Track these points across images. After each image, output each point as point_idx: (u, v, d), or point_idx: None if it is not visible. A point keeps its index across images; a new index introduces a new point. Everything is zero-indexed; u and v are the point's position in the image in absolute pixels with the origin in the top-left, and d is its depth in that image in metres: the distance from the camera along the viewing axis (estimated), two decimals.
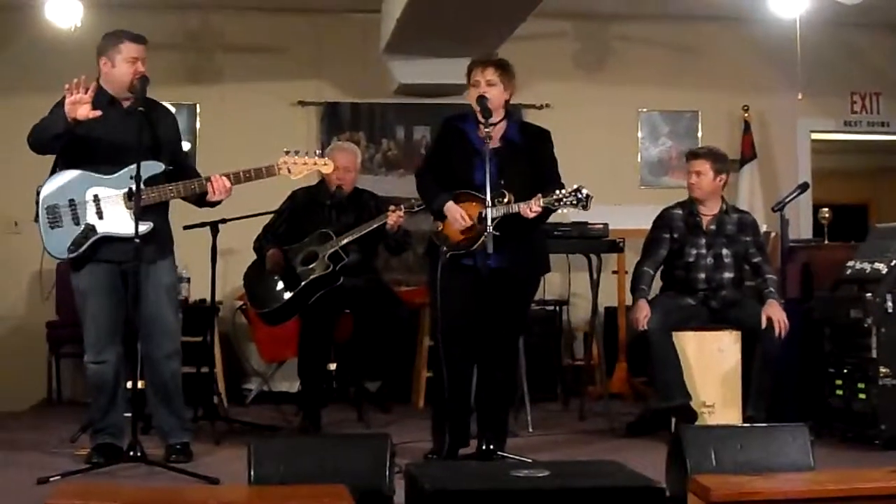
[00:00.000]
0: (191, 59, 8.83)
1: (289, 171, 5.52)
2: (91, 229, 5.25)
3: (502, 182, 5.25)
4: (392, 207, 6.45)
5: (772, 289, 6.21)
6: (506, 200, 5.24)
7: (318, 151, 5.82)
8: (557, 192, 5.25)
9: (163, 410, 5.53)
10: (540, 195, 5.24)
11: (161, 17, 8.47)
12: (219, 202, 5.51)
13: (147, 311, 5.36)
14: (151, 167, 5.24)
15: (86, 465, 5.21)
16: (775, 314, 6.06)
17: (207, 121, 8.86)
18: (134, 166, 5.08)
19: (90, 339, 5.36)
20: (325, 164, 5.72)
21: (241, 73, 8.90)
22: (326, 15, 8.90)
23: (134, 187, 5.08)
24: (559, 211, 5.36)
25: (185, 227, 6.36)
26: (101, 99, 5.29)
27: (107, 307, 5.33)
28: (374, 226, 6.47)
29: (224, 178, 5.38)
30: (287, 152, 5.52)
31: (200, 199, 5.50)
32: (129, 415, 5.35)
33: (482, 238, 5.15)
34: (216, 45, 8.89)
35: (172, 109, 5.71)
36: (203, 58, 8.88)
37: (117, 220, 5.24)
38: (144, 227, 5.16)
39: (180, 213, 5.83)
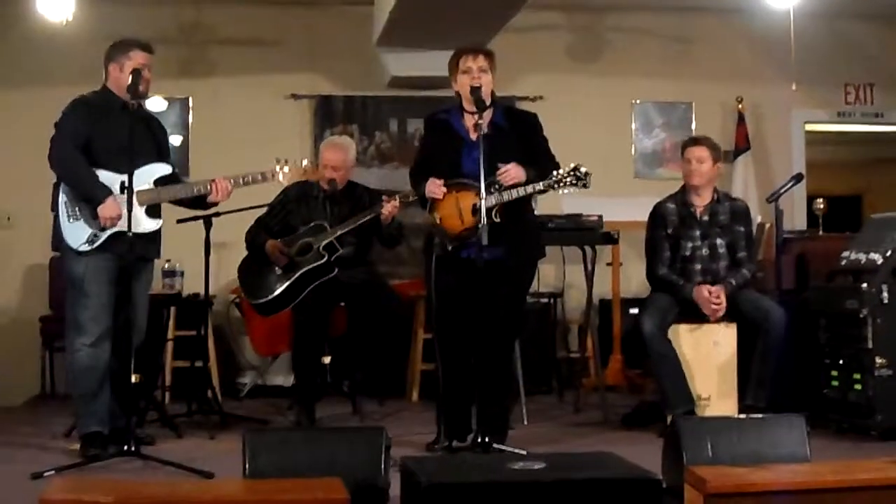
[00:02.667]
0: (183, 53, 8.77)
1: (281, 178, 5.87)
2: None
3: (494, 167, 5.21)
4: (385, 197, 6.41)
5: (732, 280, 6.13)
6: (500, 188, 5.22)
7: (304, 161, 6.03)
8: (556, 172, 5.27)
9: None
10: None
11: (153, 11, 8.43)
12: (215, 204, 5.75)
13: (137, 304, 5.45)
14: (161, 169, 5.58)
15: (80, 459, 5.19)
16: (701, 295, 6.06)
17: (200, 114, 8.81)
18: (148, 167, 5.47)
19: (87, 322, 5.41)
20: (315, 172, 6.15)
21: (234, 66, 8.86)
22: (319, 8, 8.87)
23: (149, 184, 5.47)
24: (560, 192, 5.36)
25: (179, 221, 6.34)
26: (114, 102, 5.53)
27: (108, 294, 5.44)
28: (369, 216, 6.42)
29: (226, 180, 5.62)
30: (278, 161, 5.81)
31: (196, 202, 5.74)
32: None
33: (479, 229, 5.09)
34: (209, 39, 8.84)
35: (164, 104, 5.92)
36: (195, 51, 8.83)
37: (134, 217, 5.25)
38: (156, 224, 5.53)
39: (173, 207, 5.84)
